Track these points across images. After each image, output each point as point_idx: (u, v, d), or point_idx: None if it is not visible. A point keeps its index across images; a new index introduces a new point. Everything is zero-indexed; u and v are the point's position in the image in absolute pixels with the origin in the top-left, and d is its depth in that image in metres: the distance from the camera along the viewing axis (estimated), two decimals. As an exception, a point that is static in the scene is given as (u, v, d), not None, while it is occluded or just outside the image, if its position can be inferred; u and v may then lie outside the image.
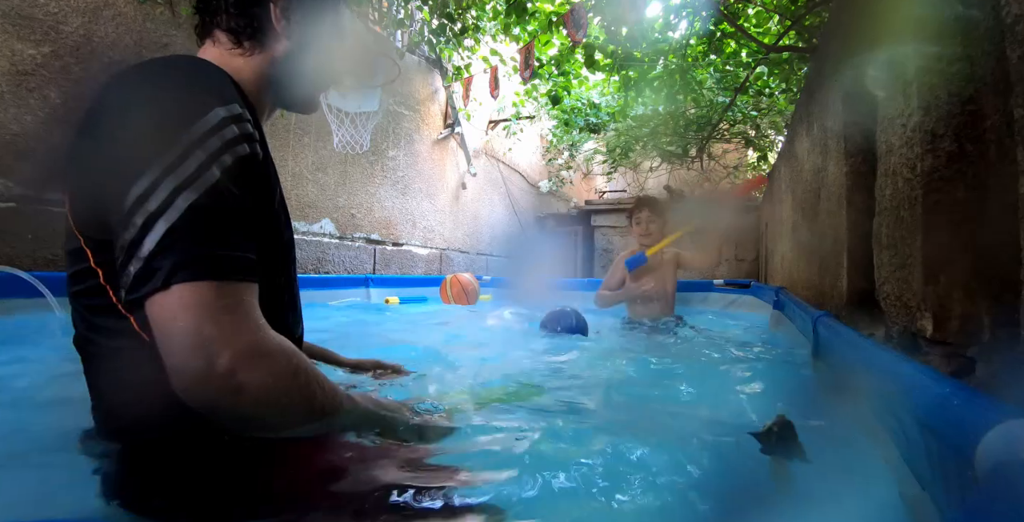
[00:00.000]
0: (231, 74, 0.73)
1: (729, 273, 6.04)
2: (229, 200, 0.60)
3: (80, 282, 0.67)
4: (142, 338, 0.61)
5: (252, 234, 0.63)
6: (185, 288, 0.54)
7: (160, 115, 0.60)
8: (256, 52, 0.79)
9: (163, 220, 0.55)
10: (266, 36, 0.79)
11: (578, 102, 6.21)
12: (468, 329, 2.54)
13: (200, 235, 0.56)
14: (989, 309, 0.80)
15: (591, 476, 0.70)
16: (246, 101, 0.71)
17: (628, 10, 3.68)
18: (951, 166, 0.85)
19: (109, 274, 0.64)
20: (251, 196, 0.64)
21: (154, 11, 2.57)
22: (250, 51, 0.78)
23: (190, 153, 0.57)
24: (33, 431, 0.85)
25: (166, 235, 0.55)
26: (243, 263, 0.59)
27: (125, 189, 0.56)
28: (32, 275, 1.66)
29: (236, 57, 0.78)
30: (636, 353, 1.81)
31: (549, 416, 1.00)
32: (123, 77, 0.65)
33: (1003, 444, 0.39)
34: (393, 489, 0.62)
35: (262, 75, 0.80)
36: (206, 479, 0.65)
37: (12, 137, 2.06)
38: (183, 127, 0.58)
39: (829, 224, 1.69)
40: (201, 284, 0.55)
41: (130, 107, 0.62)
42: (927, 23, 0.92)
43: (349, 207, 4.07)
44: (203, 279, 0.55)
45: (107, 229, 0.60)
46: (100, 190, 0.60)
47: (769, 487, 0.67)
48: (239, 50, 0.78)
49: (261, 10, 0.78)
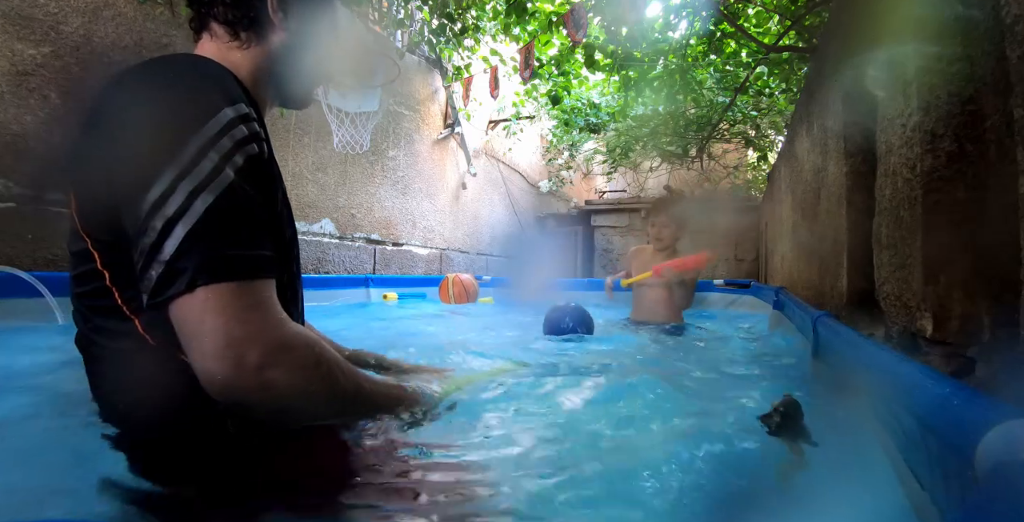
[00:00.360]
0: (231, 70, 0.73)
1: (729, 273, 6.04)
2: (244, 200, 0.61)
3: (85, 283, 0.67)
4: (146, 340, 0.62)
5: (267, 231, 0.65)
6: (209, 290, 0.56)
7: (170, 117, 0.60)
8: (253, 44, 0.79)
9: (182, 224, 0.56)
10: (263, 28, 0.79)
11: (578, 102, 6.21)
12: (469, 328, 2.55)
13: (220, 237, 0.58)
14: (989, 309, 0.80)
15: (590, 475, 0.70)
16: (249, 98, 0.71)
17: (628, 10, 3.68)
18: (951, 166, 0.85)
19: (116, 276, 0.64)
20: (261, 194, 0.65)
21: (154, 11, 2.57)
22: (247, 43, 0.78)
23: (203, 155, 0.58)
24: (32, 430, 0.85)
25: (186, 239, 0.56)
26: (262, 261, 0.61)
27: (140, 193, 0.56)
28: (32, 275, 1.66)
29: (234, 50, 0.78)
30: (635, 352, 1.81)
31: (550, 415, 1.00)
32: (127, 78, 0.66)
33: (1003, 444, 0.39)
34: (384, 485, 0.64)
35: (261, 69, 0.80)
36: (206, 473, 0.65)
37: (12, 137, 2.06)
38: (194, 129, 0.58)
39: (829, 224, 1.69)
40: (225, 285, 0.56)
41: (138, 109, 0.62)
42: (927, 23, 0.92)
43: (349, 207, 4.07)
44: (226, 280, 0.57)
45: (117, 231, 0.61)
46: (110, 192, 0.61)
47: (769, 487, 0.67)
48: (236, 43, 0.78)
49: (258, 0, 0.78)
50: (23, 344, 1.51)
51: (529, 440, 0.81)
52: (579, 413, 1.05)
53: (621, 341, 2.15)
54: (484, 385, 1.10)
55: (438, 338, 1.78)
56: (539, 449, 0.79)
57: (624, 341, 2.16)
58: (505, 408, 1.02)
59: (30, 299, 1.64)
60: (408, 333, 2.26)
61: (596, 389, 1.26)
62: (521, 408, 1.02)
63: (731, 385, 1.30)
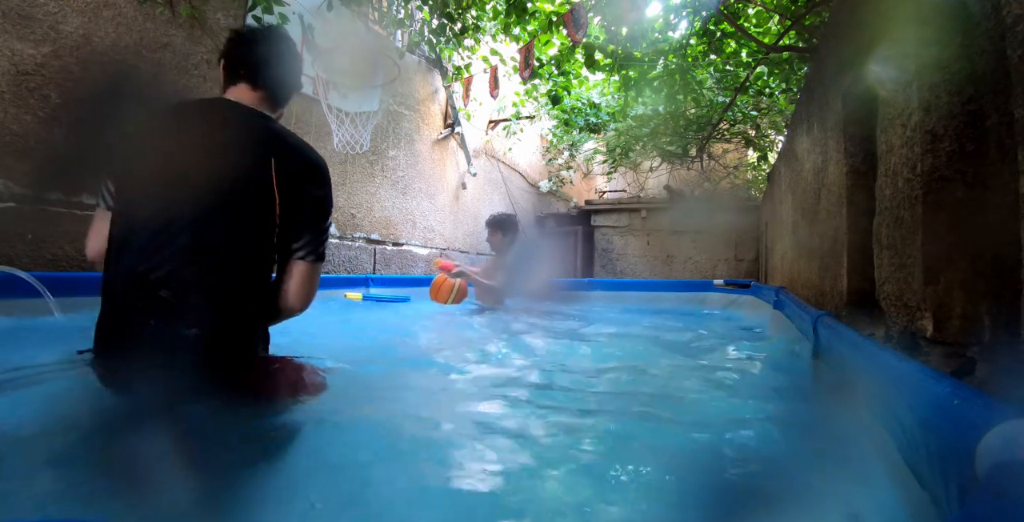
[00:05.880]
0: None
1: (729, 273, 6.04)
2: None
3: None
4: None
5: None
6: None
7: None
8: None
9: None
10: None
11: (578, 102, 6.21)
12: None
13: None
14: (989, 309, 0.80)
15: (589, 474, 0.70)
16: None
17: (628, 10, 3.67)
18: (951, 166, 0.85)
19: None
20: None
21: (154, 11, 2.57)
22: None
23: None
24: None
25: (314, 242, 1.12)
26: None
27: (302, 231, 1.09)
28: (32, 275, 1.66)
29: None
30: (633, 350, 1.81)
31: (549, 414, 1.00)
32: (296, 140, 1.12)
33: (1003, 444, 0.39)
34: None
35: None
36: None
37: (12, 137, 2.06)
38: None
39: (829, 224, 1.69)
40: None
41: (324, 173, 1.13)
42: (927, 23, 0.92)
43: (349, 207, 4.07)
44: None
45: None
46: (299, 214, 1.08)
47: (769, 487, 0.67)
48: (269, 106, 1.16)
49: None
50: (23, 344, 1.50)
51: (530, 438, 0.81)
52: (572, 412, 1.05)
53: (617, 345, 2.15)
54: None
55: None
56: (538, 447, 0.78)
57: (621, 345, 2.16)
58: (501, 407, 1.02)
59: (30, 299, 1.64)
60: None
61: (593, 387, 1.26)
62: (519, 405, 1.02)
63: (731, 386, 1.30)
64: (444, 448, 0.83)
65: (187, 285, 0.97)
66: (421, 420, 0.97)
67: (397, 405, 1.10)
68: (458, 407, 1.11)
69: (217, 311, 0.99)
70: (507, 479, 0.72)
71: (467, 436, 0.88)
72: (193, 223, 0.98)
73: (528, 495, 0.68)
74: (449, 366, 1.52)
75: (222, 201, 1.00)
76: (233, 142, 1.05)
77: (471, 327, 2.53)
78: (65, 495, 0.65)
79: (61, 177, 2.21)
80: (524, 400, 1.13)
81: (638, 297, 4.27)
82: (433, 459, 0.79)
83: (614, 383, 1.34)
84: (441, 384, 1.34)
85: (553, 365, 1.57)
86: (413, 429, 0.91)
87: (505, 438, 0.88)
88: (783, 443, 0.87)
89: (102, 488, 0.67)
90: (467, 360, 1.62)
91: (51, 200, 2.16)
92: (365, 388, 1.23)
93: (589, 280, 5.51)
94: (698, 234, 6.32)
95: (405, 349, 1.89)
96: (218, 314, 0.99)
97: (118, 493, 0.65)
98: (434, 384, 1.33)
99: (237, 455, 0.79)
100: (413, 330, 2.37)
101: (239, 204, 1.02)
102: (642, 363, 1.62)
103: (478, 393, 1.23)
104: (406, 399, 1.18)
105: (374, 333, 2.25)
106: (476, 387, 1.30)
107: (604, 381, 1.35)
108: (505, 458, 0.79)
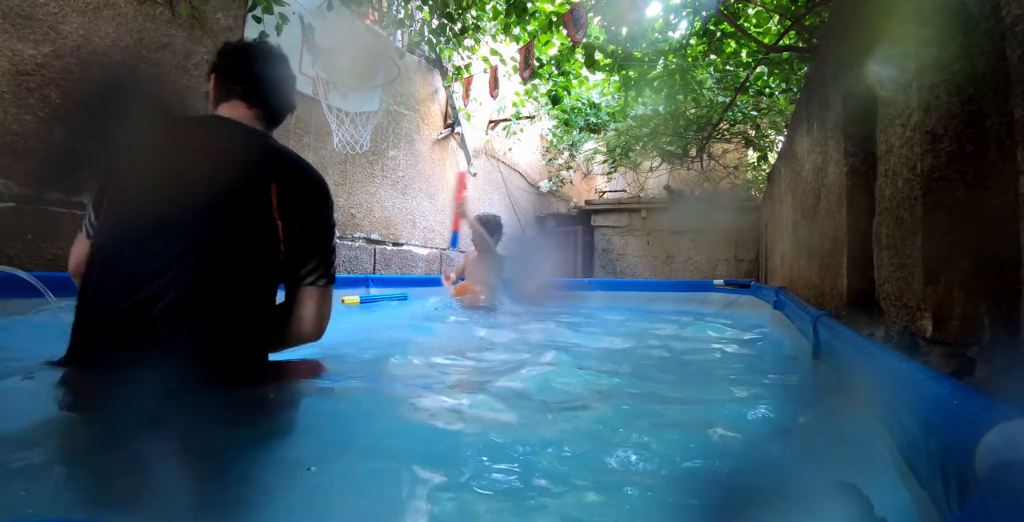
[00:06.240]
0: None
1: (729, 273, 6.04)
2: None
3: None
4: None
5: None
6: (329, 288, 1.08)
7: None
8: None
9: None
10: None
11: (578, 102, 6.20)
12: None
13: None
14: (989, 309, 0.80)
15: (588, 474, 0.70)
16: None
17: (628, 10, 3.67)
18: (951, 166, 0.85)
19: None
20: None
21: (154, 11, 2.57)
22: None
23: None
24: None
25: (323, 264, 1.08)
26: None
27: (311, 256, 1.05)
28: (32, 275, 1.66)
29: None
30: (632, 350, 1.81)
31: (546, 413, 1.00)
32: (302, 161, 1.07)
33: (1003, 444, 0.39)
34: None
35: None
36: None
37: (12, 137, 2.06)
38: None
39: (829, 224, 1.69)
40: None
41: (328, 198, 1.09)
42: (927, 23, 0.92)
43: (349, 207, 4.07)
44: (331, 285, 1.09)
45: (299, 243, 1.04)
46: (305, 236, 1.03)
47: (769, 487, 0.67)
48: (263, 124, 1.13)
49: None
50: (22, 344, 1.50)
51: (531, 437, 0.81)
52: (579, 413, 1.05)
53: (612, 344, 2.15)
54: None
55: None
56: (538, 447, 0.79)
57: (620, 345, 2.16)
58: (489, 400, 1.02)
59: (30, 299, 1.64)
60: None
61: (595, 389, 1.26)
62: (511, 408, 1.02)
63: (731, 386, 1.30)
64: (433, 443, 0.83)
65: (186, 316, 0.88)
66: (417, 410, 0.98)
67: (395, 397, 1.10)
68: (451, 403, 1.11)
69: (216, 346, 0.91)
70: (506, 479, 0.72)
71: (461, 428, 0.89)
72: (192, 252, 0.90)
73: (526, 495, 0.68)
74: (446, 364, 1.52)
75: (220, 232, 0.94)
76: (230, 168, 0.98)
77: (470, 327, 2.53)
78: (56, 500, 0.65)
79: (61, 177, 2.21)
80: (521, 398, 1.13)
81: (638, 297, 4.27)
82: (425, 454, 0.79)
83: (613, 383, 1.34)
84: (439, 381, 1.34)
85: (551, 365, 1.57)
86: (409, 418, 0.92)
87: (499, 435, 0.88)
88: (783, 443, 0.87)
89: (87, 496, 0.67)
90: (466, 358, 1.62)
91: (51, 200, 2.16)
92: (363, 380, 1.23)
93: (589, 280, 5.51)
94: (698, 234, 6.33)
95: (404, 347, 1.89)
96: (217, 350, 0.91)
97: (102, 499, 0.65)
98: (433, 382, 1.33)
99: (237, 454, 0.79)
100: (411, 329, 2.37)
101: (240, 234, 0.95)
102: (641, 363, 1.62)
103: (477, 389, 1.23)
104: (405, 393, 1.18)
105: (374, 333, 2.25)
106: (472, 383, 1.30)
107: (603, 381, 1.35)
108: (500, 455, 0.79)
